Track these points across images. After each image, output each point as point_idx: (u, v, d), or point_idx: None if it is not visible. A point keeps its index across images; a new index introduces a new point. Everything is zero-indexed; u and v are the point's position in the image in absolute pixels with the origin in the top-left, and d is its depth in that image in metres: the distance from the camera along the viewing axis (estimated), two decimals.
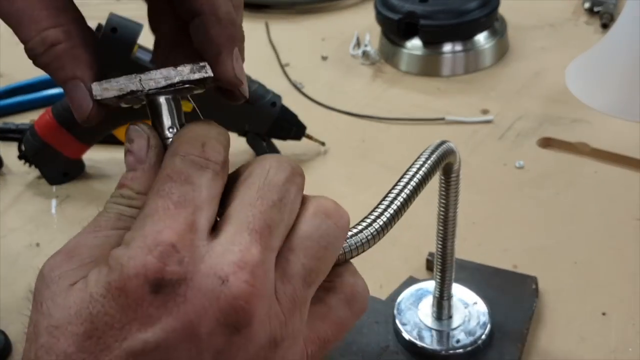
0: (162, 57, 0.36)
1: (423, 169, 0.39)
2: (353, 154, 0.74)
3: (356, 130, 0.77)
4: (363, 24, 0.95)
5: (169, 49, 0.36)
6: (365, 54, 0.89)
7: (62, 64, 0.32)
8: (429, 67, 0.86)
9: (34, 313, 0.29)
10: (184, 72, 0.31)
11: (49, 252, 0.67)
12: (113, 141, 0.74)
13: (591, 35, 0.90)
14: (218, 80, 0.33)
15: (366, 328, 0.52)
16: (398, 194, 0.37)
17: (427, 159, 0.40)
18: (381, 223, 0.35)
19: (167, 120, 0.33)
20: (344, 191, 0.67)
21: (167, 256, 0.27)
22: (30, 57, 0.32)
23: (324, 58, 0.91)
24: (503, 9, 0.89)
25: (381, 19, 0.88)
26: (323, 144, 0.73)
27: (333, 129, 0.77)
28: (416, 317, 0.51)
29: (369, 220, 0.35)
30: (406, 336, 0.50)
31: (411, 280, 0.56)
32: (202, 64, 0.32)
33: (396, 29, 0.85)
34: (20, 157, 0.72)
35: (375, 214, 0.35)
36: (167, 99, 0.33)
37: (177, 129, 0.33)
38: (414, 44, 0.86)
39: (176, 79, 0.31)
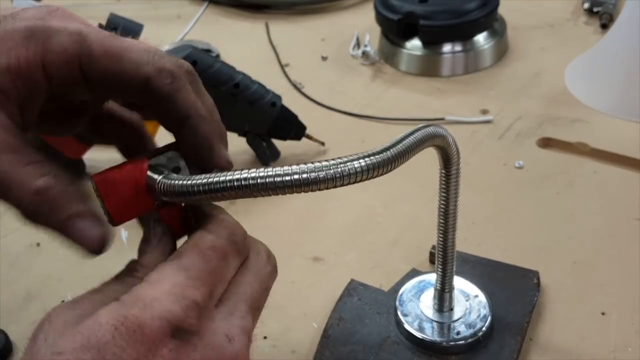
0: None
1: (403, 143, 0.37)
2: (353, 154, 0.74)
3: (356, 130, 0.77)
4: (363, 24, 0.95)
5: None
6: (365, 54, 0.89)
7: (60, 204, 0.34)
8: (429, 68, 0.86)
9: (34, 345, 0.30)
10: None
11: (49, 251, 0.67)
12: None
13: (590, 36, 0.91)
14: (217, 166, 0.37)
15: (368, 319, 0.52)
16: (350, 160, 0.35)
17: (408, 134, 0.38)
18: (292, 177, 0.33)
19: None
20: (344, 191, 0.67)
21: (190, 310, 0.31)
22: (29, 214, 0.35)
23: (324, 58, 0.91)
24: (502, 10, 0.89)
25: (381, 19, 0.88)
26: (323, 144, 0.73)
27: (333, 129, 0.77)
28: (417, 308, 0.52)
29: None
30: (407, 327, 0.50)
31: (414, 273, 0.56)
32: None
33: (396, 29, 0.86)
34: None
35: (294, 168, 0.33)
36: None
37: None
38: (414, 44, 0.86)
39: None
